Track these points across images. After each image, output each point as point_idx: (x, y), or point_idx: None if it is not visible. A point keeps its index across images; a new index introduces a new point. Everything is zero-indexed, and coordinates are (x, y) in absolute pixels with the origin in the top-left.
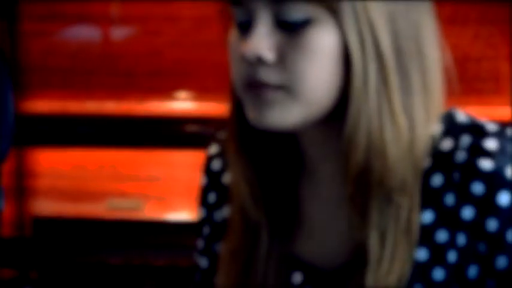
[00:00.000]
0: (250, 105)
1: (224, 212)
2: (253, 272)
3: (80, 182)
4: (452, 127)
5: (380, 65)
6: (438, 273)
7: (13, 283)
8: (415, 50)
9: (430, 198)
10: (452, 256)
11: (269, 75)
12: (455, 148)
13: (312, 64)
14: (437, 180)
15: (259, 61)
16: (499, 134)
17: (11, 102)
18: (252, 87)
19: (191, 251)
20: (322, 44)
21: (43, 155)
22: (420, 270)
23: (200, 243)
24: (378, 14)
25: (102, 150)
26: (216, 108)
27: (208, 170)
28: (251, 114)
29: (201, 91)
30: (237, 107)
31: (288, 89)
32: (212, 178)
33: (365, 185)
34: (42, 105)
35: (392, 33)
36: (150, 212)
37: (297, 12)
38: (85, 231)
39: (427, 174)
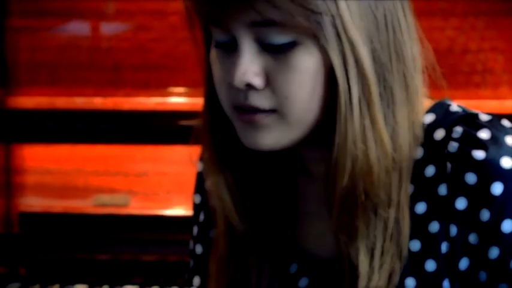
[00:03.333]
0: (242, 129)
1: None
2: (244, 277)
3: (67, 177)
4: (445, 117)
5: (363, 85)
6: (430, 264)
7: (1, 280)
8: (395, 60)
9: (423, 188)
10: (444, 247)
11: (259, 100)
12: (448, 138)
13: (299, 86)
14: (429, 170)
15: (248, 87)
16: (492, 124)
17: None
18: (244, 112)
19: (180, 246)
20: (307, 66)
21: (30, 150)
22: (413, 262)
23: (195, 230)
24: (358, 33)
25: (90, 145)
26: None
27: None
28: (244, 138)
29: (189, 86)
30: (216, 122)
31: (279, 113)
32: None
33: (350, 205)
34: (30, 100)
35: (371, 50)
36: (138, 208)
37: (280, 36)
38: (72, 226)
39: (420, 165)
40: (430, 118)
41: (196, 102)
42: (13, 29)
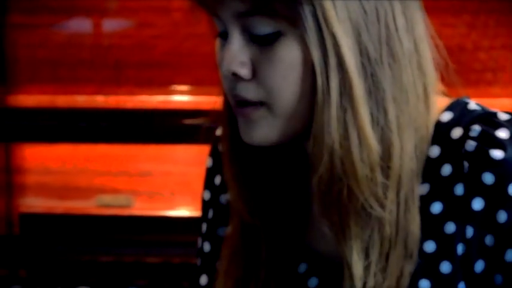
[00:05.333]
0: (240, 124)
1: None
2: (254, 274)
3: (68, 177)
4: (462, 115)
5: (344, 79)
6: (445, 266)
7: (2, 282)
8: (387, 56)
9: (439, 188)
10: (460, 248)
11: (247, 91)
12: (465, 137)
13: (283, 78)
14: (446, 169)
15: (236, 76)
16: (511, 123)
17: None
18: (238, 106)
19: (184, 247)
20: (292, 58)
21: (31, 150)
22: (427, 263)
23: (203, 227)
24: (341, 25)
25: (92, 145)
26: (209, 101)
27: (214, 152)
28: (241, 133)
29: (193, 84)
30: (230, 120)
31: (267, 105)
32: (218, 160)
33: (335, 202)
34: (30, 99)
35: (358, 43)
36: (141, 208)
37: (264, 26)
38: (74, 228)
39: (436, 164)
40: (447, 116)
41: (200, 101)
42: (13, 26)
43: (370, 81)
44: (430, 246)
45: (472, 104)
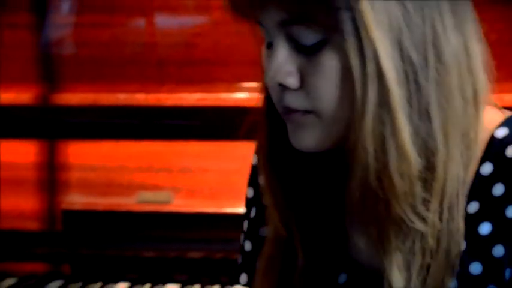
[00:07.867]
0: (290, 129)
1: None
2: (290, 281)
3: (110, 174)
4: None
5: (383, 88)
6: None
7: (45, 278)
8: (434, 60)
9: (489, 208)
10: (508, 273)
11: (295, 101)
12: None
13: (331, 87)
14: (498, 189)
15: (283, 87)
16: None
17: None
18: (286, 112)
19: (225, 243)
20: (338, 65)
21: (74, 147)
22: (473, 285)
23: (245, 225)
24: (381, 30)
25: (134, 142)
26: (250, 97)
27: None
28: (291, 138)
29: (233, 81)
30: (271, 126)
31: (316, 113)
32: None
33: (372, 217)
34: (74, 97)
35: (399, 49)
36: (181, 205)
37: (308, 35)
38: (115, 224)
39: (488, 182)
40: (502, 132)
41: (240, 97)
42: (57, 25)
43: (413, 89)
44: (476, 269)
45: None
